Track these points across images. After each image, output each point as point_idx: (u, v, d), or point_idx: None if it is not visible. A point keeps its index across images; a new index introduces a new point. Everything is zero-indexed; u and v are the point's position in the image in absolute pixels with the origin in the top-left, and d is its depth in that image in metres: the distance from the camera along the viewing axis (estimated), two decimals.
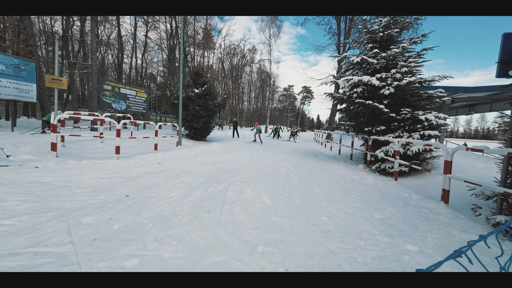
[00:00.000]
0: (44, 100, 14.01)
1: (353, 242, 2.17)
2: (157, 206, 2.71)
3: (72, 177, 3.73)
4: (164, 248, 1.83)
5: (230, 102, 34.18)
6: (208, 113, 11.93)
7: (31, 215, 2.25)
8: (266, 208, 2.87)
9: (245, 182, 4.00)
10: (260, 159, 7.00)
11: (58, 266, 1.53)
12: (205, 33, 28.08)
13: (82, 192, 3.02)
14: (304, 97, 60.08)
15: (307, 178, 4.75)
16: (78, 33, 20.68)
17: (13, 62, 10.19)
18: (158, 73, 34.24)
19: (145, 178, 3.91)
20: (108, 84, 14.78)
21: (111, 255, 1.70)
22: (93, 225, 2.15)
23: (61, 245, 1.78)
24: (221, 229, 2.23)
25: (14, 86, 10.18)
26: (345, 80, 6.32)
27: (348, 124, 9.10)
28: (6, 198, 2.59)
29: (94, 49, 14.22)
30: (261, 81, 47.41)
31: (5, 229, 1.95)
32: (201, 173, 4.53)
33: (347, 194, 3.84)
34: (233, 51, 37.02)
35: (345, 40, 14.52)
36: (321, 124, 59.59)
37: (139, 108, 16.95)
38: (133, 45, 25.96)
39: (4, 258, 1.57)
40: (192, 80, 12.60)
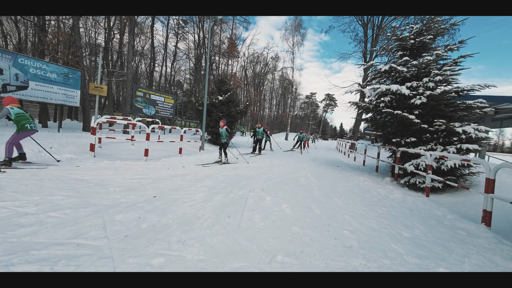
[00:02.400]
0: (85, 105, 15.56)
1: (378, 260, 2.05)
2: (181, 208, 2.84)
3: (107, 176, 4.07)
4: (187, 250, 1.91)
5: (252, 109, 34.68)
6: (230, 119, 12.25)
7: (73, 209, 2.51)
8: (285, 218, 2.85)
9: (265, 190, 4.02)
10: (280, 167, 6.97)
11: (95, 259, 1.68)
12: (230, 42, 29.17)
13: (116, 190, 3.28)
14: (327, 104, 58.82)
15: (329, 189, 4.62)
16: (117, 45, 22.81)
17: (63, 71, 11.55)
18: (185, 80, 36.19)
19: (170, 181, 4.13)
20: (141, 90, 15.98)
21: (140, 252, 1.82)
22: (125, 222, 2.32)
23: (98, 239, 1.95)
24: (241, 236, 2.26)
25: (62, 92, 11.50)
26: (372, 89, 6.10)
27: (374, 134, 8.69)
28: (54, 193, 2.93)
29: (130, 59, 15.56)
30: (283, 89, 47.52)
31: (52, 220, 2.20)
32: (222, 178, 4.65)
33: (372, 208, 3.65)
34: (256, 59, 37.81)
35: (372, 48, 14.06)
36: (344, 133, 57.50)
37: (166, 113, 18.00)
38: (164, 55, 27.88)
39: (52, 247, 1.77)
40: (217, 87, 13.10)
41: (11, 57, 9.71)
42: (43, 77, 10.69)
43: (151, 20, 23.98)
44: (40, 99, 10.80)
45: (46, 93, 10.80)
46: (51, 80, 11.00)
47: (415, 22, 6.58)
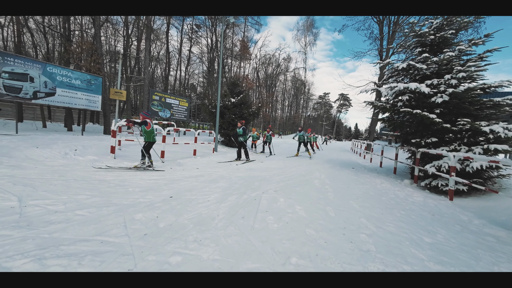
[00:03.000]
0: (106, 109, 16.41)
1: (397, 265, 1.98)
2: (197, 208, 2.91)
3: (126, 177, 4.27)
4: (203, 249, 1.96)
5: (264, 110, 34.73)
6: (243, 121, 12.33)
7: (97, 208, 2.66)
8: (299, 220, 2.83)
9: (278, 191, 4.01)
10: (293, 168, 6.91)
11: (117, 255, 1.77)
12: (242, 45, 29.49)
13: (135, 191, 3.43)
14: (340, 105, 57.54)
15: (344, 191, 4.51)
16: (135, 51, 23.85)
17: (86, 78, 12.27)
18: (198, 83, 37.03)
19: (185, 182, 4.24)
20: (157, 94, 16.56)
21: (158, 250, 1.89)
22: (144, 221, 2.42)
23: (119, 237, 2.06)
24: (255, 237, 2.27)
25: (85, 98, 12.21)
26: (389, 88, 5.89)
27: (391, 135, 8.35)
28: (79, 192, 3.12)
29: (147, 64, 16.22)
30: (295, 89, 47.15)
31: (78, 218, 2.35)
32: (235, 180, 4.70)
33: (390, 211, 3.52)
34: (268, 61, 37.87)
35: (389, 45, 13.58)
36: (360, 134, 55.81)
37: (181, 116, 18.50)
38: (178, 59, 28.72)
39: (79, 243, 1.89)
40: (229, 90, 13.28)
41: (40, 66, 10.48)
42: (68, 84, 11.42)
43: (166, 26, 24.84)
44: (66, 104, 11.53)
45: (71, 98, 11.53)
46: (75, 87, 11.73)
47: (435, 16, 6.27)
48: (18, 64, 9.78)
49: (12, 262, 1.58)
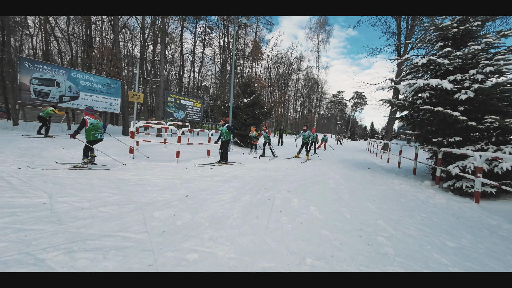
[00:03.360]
0: (124, 111, 17.16)
1: (418, 270, 1.90)
2: (211, 207, 2.97)
3: (145, 176, 4.44)
4: (218, 248, 2.00)
5: (276, 110, 34.60)
6: (255, 121, 12.38)
7: (118, 205, 2.80)
8: (314, 220, 2.80)
9: (292, 192, 3.98)
10: (306, 168, 6.83)
11: (138, 251, 1.86)
12: (254, 45, 29.57)
13: (153, 189, 3.57)
14: (355, 103, 55.96)
15: (360, 192, 4.39)
16: (151, 55, 24.71)
17: (106, 82, 12.92)
18: (211, 84, 37.62)
19: (200, 181, 4.34)
20: (171, 96, 17.06)
21: (176, 247, 1.96)
22: (162, 219, 2.52)
23: (140, 233, 2.15)
24: (269, 236, 2.28)
25: (106, 101, 12.85)
26: (407, 85, 5.65)
27: (410, 134, 7.98)
28: (102, 191, 3.30)
29: (162, 67, 16.75)
30: (308, 88, 46.49)
31: (102, 215, 2.49)
32: (248, 180, 4.73)
33: (410, 214, 3.38)
34: (280, 60, 37.65)
35: (407, 40, 13.00)
36: (376, 133, 53.92)
37: (194, 116, 18.91)
38: (192, 61, 29.38)
39: (103, 238, 2.00)
40: (241, 90, 13.38)
41: (66, 72, 11.18)
42: (90, 88, 12.08)
43: (180, 29, 25.47)
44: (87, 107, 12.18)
45: (93, 101, 12.18)
46: (96, 90, 12.38)
47: None
48: (46, 70, 10.50)
49: (45, 254, 1.71)
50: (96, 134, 4.99)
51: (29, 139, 7.40)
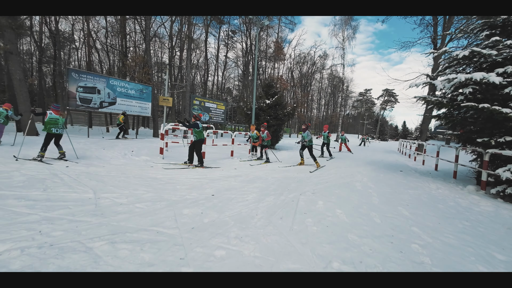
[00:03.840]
0: (155, 114, 18.37)
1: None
2: (236, 207, 3.05)
3: (174, 175, 4.72)
4: (244, 246, 2.05)
5: (299, 110, 34.06)
6: (278, 122, 12.34)
7: (152, 202, 3.03)
8: (340, 224, 2.71)
9: (316, 194, 3.90)
10: (331, 170, 6.62)
11: (170, 245, 1.99)
12: (276, 46, 29.52)
13: (182, 188, 3.78)
14: (385, 101, 52.59)
15: (390, 196, 4.13)
16: (178, 61, 26.11)
17: (139, 88, 13.96)
18: (234, 87, 38.43)
19: (225, 181, 4.47)
20: (197, 99, 17.80)
21: (204, 243, 2.06)
22: (190, 216, 2.66)
23: (171, 229, 2.31)
24: (294, 238, 2.28)
25: (138, 105, 13.87)
26: (446, 80, 5.17)
27: (449, 133, 7.25)
28: (137, 188, 3.59)
29: (188, 72, 17.59)
30: (332, 87, 44.95)
31: (138, 210, 2.71)
32: (272, 181, 4.75)
33: (449, 221, 3.09)
34: (303, 60, 37.00)
35: (445, 31, 11.87)
36: (408, 133, 49.96)
37: (218, 118, 19.49)
38: (216, 65, 30.35)
39: (140, 232, 2.19)
40: (264, 91, 13.44)
41: (105, 80, 12.34)
42: (125, 94, 13.16)
43: (205, 35, 26.50)
44: (123, 111, 13.30)
45: (127, 106, 13.25)
46: (130, 96, 13.44)
47: None
48: (89, 79, 11.71)
49: (93, 243, 1.92)
50: (52, 128, 5.27)
51: (82, 141, 8.33)
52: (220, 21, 27.11)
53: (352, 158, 10.34)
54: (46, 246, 1.82)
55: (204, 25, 25.06)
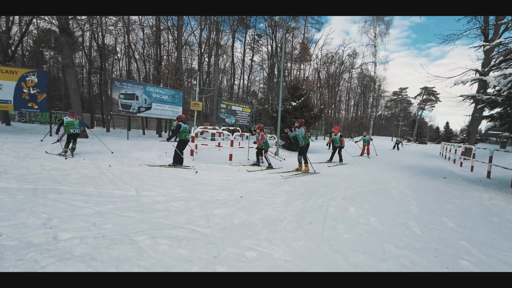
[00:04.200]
0: (186, 118, 19.47)
1: None
2: (265, 210, 3.08)
3: (204, 176, 4.94)
4: (274, 249, 2.07)
5: (326, 112, 32.98)
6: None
7: (185, 201, 3.22)
8: (375, 232, 2.56)
9: (347, 199, 3.74)
10: (362, 175, 6.27)
11: (204, 243, 2.10)
12: (302, 47, 29.10)
13: (212, 189, 3.94)
14: (423, 100, 48.13)
15: (432, 205, 3.77)
16: (206, 66, 27.34)
17: (171, 93, 14.93)
18: (259, 89, 38.81)
19: (252, 183, 4.55)
20: (224, 103, 18.39)
21: (235, 244, 2.13)
22: (221, 216, 2.76)
23: (204, 227, 2.43)
24: (325, 244, 2.22)
25: (171, 110, 14.83)
26: (501, 76, 4.56)
27: (505, 136, 6.33)
28: (172, 188, 3.85)
29: (216, 77, 18.30)
30: (362, 87, 42.62)
31: (174, 208, 2.91)
32: (299, 184, 4.68)
33: (508, 237, 2.70)
34: (330, 60, 35.81)
35: (498, 20, 10.46)
36: (453, 135, 44.81)
37: (244, 121, 19.85)
38: (242, 69, 31.03)
39: (177, 229, 2.35)
40: (290, 93, 13.34)
41: (142, 87, 13.47)
42: (160, 99, 14.20)
43: (232, 40, 27.32)
44: (158, 115, 14.33)
45: (161, 111, 14.26)
46: (164, 101, 14.45)
47: None
48: (129, 87, 12.90)
49: (137, 237, 2.12)
50: (70, 129, 6.27)
51: (123, 143, 9.24)
52: (246, 26, 27.71)
53: (385, 162, 9.66)
54: (100, 237, 2.07)
55: (231, 30, 25.86)
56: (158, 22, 20.20)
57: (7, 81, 9.24)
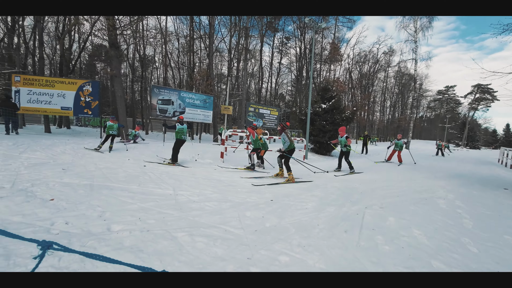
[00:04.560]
0: (215, 121, 20.28)
1: None
2: (296, 214, 3.04)
3: (234, 178, 5.07)
4: (308, 255, 2.03)
5: (358, 114, 31.17)
6: (335, 128, 11.64)
7: (218, 202, 3.35)
8: (420, 246, 2.34)
9: (385, 209, 3.47)
10: (402, 182, 5.76)
11: (237, 244, 2.16)
12: (332, 47, 28.13)
13: (242, 191, 4.03)
14: (476, 100, 42.44)
15: (491, 220, 3.28)
16: (235, 71, 28.19)
17: (203, 98, 15.71)
18: (286, 92, 38.55)
19: (282, 187, 4.52)
20: (252, 106, 18.68)
21: (268, 247, 2.14)
22: (253, 218, 2.81)
23: (237, 228, 2.49)
24: (362, 255, 2.10)
25: (202, 114, 15.60)
26: None
27: None
28: (205, 188, 4.04)
29: (245, 81, 18.74)
30: (400, 86, 39.34)
31: (208, 208, 3.05)
32: (331, 190, 4.50)
33: None
34: (363, 59, 33.87)
35: None
36: None
37: (271, 124, 19.87)
38: (270, 72, 31.23)
39: (211, 228, 2.46)
40: (319, 96, 12.98)
41: (177, 93, 14.45)
42: (192, 104, 15.05)
43: (260, 45, 27.75)
44: (190, 119, 15.18)
45: (194, 115, 15.09)
46: (196, 106, 15.27)
47: None
48: (166, 93, 13.96)
49: (176, 233, 2.28)
50: (109, 131, 7.54)
51: (160, 145, 10.04)
52: (275, 30, 27.88)
53: (429, 169, 8.71)
54: (145, 231, 2.27)
55: (259, 35, 26.29)
56: (192, 31, 21.54)
57: (69, 91, 10.79)
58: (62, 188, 3.39)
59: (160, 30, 20.97)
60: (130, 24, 13.39)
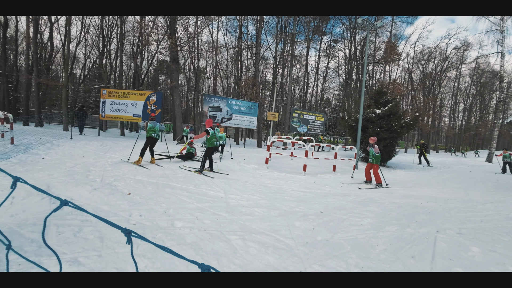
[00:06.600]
0: (259, 127, 20.74)
1: None
2: (350, 230, 2.81)
3: (281, 185, 5.05)
4: None
5: (421, 119, 27.15)
6: (391, 135, 10.43)
7: (267, 209, 3.37)
8: None
9: (466, 235, 2.88)
10: (487, 204, 4.70)
11: (289, 255, 2.12)
12: (388, 47, 25.51)
13: (290, 199, 3.97)
14: None
15: None
16: (280, 77, 28.40)
17: (248, 105, 16.31)
18: (333, 96, 36.64)
19: (332, 198, 4.26)
20: (296, 112, 18.41)
21: (322, 262, 2.03)
22: (303, 229, 2.72)
23: (287, 238, 2.46)
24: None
25: (247, 120, 16.17)
26: None
27: None
28: (253, 194, 4.13)
29: (290, 87, 18.63)
30: (478, 86, 32.71)
31: (258, 214, 3.11)
32: (390, 206, 4.01)
33: None
34: (428, 56, 29.55)
35: None
36: None
37: (317, 130, 19.14)
38: (316, 77, 30.32)
39: (261, 235, 2.49)
40: (373, 100, 11.87)
41: (225, 100, 15.40)
42: (239, 111, 15.79)
43: (306, 50, 27.31)
44: (236, 125, 15.93)
45: (239, 121, 15.78)
46: (242, 112, 15.95)
47: None
48: (216, 101, 15.05)
49: (229, 235, 2.39)
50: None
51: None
52: (322, 33, 27.07)
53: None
54: (202, 230, 2.46)
55: (305, 40, 25.92)
56: (240, 42, 22.72)
57: (139, 101, 12.78)
58: (135, 184, 3.99)
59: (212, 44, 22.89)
60: (188, 41, 15.08)
